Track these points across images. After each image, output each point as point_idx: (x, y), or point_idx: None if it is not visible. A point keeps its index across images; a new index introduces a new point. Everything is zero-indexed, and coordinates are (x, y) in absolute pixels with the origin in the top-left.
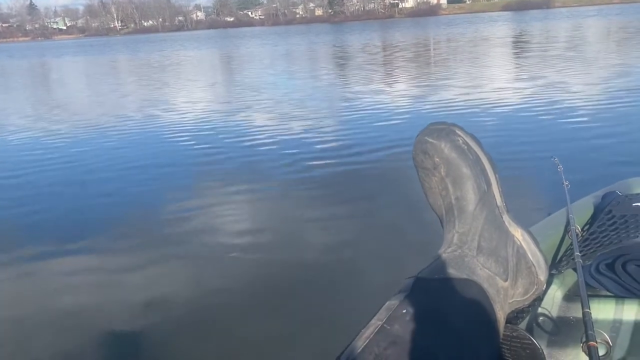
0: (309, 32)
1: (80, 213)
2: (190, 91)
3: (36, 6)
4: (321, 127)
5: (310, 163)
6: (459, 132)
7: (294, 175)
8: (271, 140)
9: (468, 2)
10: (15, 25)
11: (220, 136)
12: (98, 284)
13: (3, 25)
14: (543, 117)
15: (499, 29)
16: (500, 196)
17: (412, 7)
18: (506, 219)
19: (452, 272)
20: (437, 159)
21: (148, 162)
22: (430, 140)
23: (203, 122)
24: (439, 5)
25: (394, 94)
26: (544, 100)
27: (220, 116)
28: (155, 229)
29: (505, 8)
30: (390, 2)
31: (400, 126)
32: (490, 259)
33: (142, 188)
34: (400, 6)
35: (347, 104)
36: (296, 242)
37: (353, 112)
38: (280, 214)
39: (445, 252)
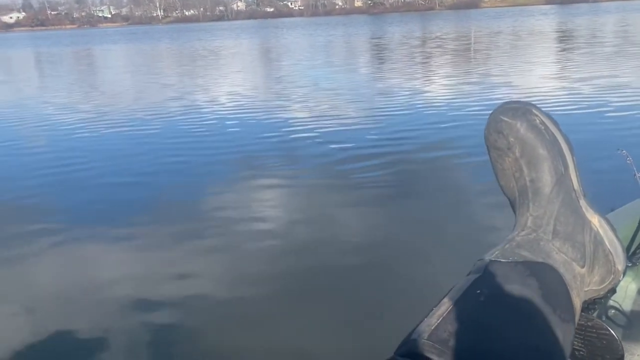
0: (349, 23)
1: (119, 197)
2: (232, 82)
3: None
4: (363, 121)
5: (352, 156)
6: (536, 112)
7: (337, 168)
8: (316, 133)
9: None
10: (63, 13)
11: (262, 127)
12: (136, 269)
13: (52, 13)
14: (607, 112)
15: (548, 22)
16: (578, 180)
17: (452, 0)
18: (583, 203)
19: (527, 254)
20: (512, 139)
21: (187, 151)
22: (505, 119)
23: (244, 113)
24: None
25: (443, 89)
26: (606, 95)
27: (262, 107)
28: (195, 218)
29: (550, 1)
30: None
31: (451, 124)
32: (567, 243)
33: (183, 176)
34: None
35: (391, 98)
36: (337, 236)
37: (397, 107)
38: (321, 207)
39: (519, 235)
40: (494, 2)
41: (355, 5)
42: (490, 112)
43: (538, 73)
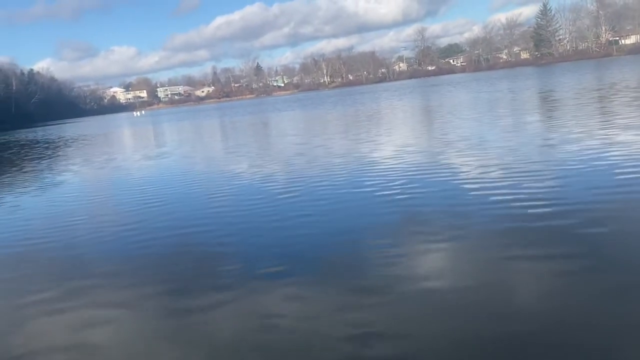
0: (515, 76)
1: (282, 248)
2: (393, 140)
3: (261, 67)
4: (530, 177)
5: (521, 214)
6: None
7: (503, 225)
8: (478, 189)
9: None
10: (244, 85)
11: (425, 183)
12: (299, 319)
13: (235, 85)
14: None
15: None
16: None
17: (633, 44)
18: None
19: None
20: None
21: (348, 207)
22: None
23: (405, 170)
24: None
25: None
26: None
27: (423, 164)
28: (366, 272)
29: None
30: (607, 40)
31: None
32: None
33: (345, 233)
34: (620, 43)
35: (574, 158)
36: (508, 294)
37: (580, 166)
38: (489, 261)
39: None
40: None
41: (522, 57)
42: None
43: None
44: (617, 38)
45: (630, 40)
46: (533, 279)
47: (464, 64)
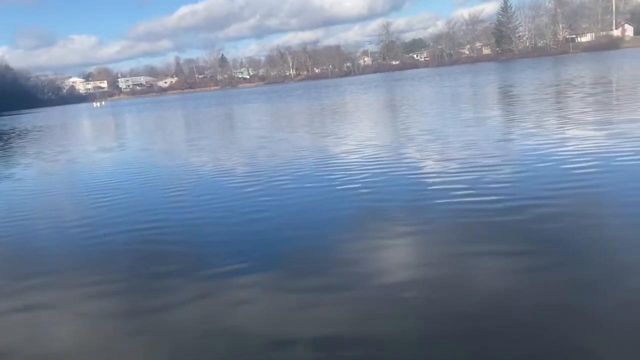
0: (478, 71)
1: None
2: (357, 134)
3: (226, 59)
4: (489, 171)
5: (480, 207)
6: None
7: (462, 220)
8: (438, 184)
9: None
10: (208, 76)
11: (386, 178)
12: (270, 313)
13: (199, 76)
14: None
15: None
16: None
17: (588, 42)
18: None
19: None
20: None
21: (311, 202)
22: None
23: (367, 164)
24: (622, 37)
25: (588, 142)
26: None
27: (385, 158)
28: (327, 268)
29: None
30: (565, 37)
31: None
32: None
33: (305, 229)
34: (576, 41)
35: (532, 152)
36: (468, 284)
37: (536, 161)
38: (449, 257)
39: None
40: (636, 41)
41: (483, 53)
42: None
43: None
44: (574, 36)
45: (586, 38)
46: (491, 274)
47: (428, 58)
